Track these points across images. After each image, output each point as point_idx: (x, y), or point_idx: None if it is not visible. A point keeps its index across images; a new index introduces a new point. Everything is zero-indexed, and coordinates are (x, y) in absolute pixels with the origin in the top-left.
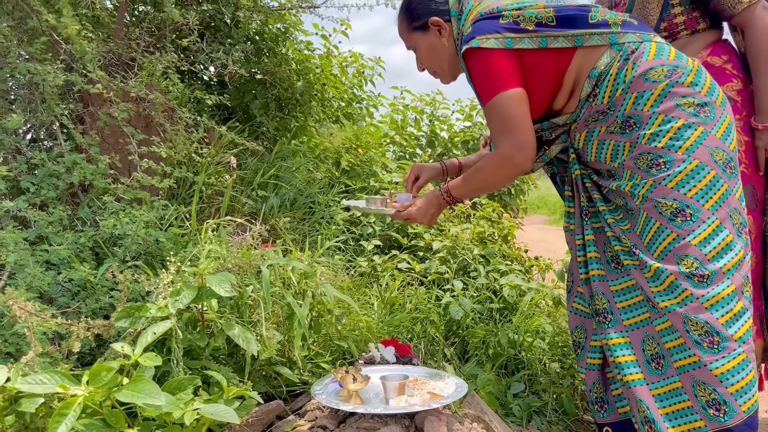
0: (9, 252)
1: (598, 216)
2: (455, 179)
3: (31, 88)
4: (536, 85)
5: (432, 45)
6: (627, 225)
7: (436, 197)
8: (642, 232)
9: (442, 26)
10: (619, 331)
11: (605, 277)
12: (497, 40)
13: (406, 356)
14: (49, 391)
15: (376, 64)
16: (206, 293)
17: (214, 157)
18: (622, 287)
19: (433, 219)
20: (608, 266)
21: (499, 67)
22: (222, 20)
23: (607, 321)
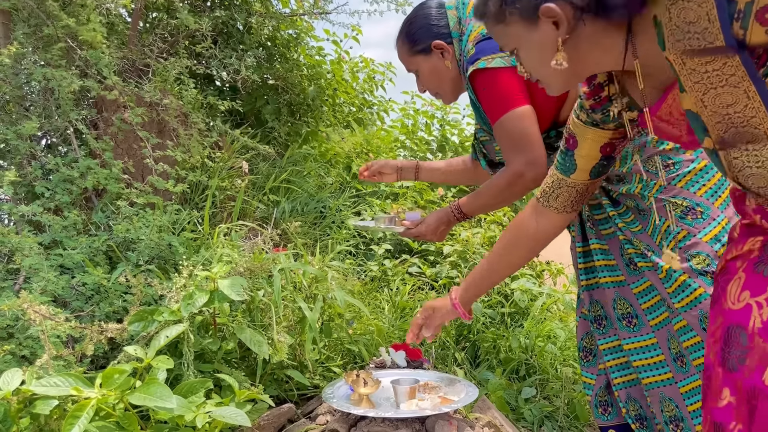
0: (24, 256)
1: (609, 221)
2: (466, 197)
3: (46, 94)
4: (543, 100)
5: (435, 67)
6: (638, 227)
7: (446, 214)
8: (653, 233)
9: (446, 49)
10: (645, 333)
11: (626, 281)
12: (503, 59)
13: (417, 360)
14: (63, 393)
15: (387, 70)
16: (218, 297)
17: (227, 162)
18: (642, 288)
19: (443, 235)
20: (627, 269)
21: (507, 86)
22: (234, 26)
23: (632, 325)
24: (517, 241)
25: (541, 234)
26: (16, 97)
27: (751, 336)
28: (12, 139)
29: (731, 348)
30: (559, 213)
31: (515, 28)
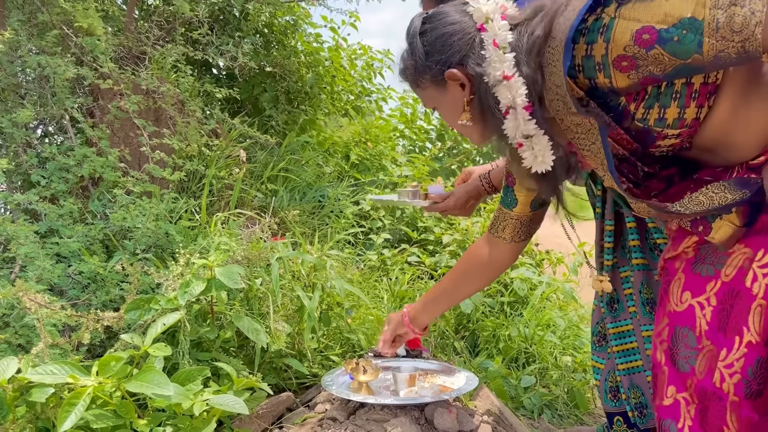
0: (20, 245)
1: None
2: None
3: (41, 81)
4: None
5: None
6: None
7: (476, 187)
8: None
9: None
10: None
11: (649, 266)
12: None
13: (416, 349)
14: (59, 381)
15: (385, 57)
16: (216, 285)
17: (224, 151)
18: None
19: (471, 210)
20: (651, 254)
21: None
22: (231, 13)
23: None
24: (472, 270)
25: (494, 263)
26: (11, 85)
27: (699, 338)
28: (7, 127)
29: (679, 348)
30: (508, 243)
31: (429, 91)
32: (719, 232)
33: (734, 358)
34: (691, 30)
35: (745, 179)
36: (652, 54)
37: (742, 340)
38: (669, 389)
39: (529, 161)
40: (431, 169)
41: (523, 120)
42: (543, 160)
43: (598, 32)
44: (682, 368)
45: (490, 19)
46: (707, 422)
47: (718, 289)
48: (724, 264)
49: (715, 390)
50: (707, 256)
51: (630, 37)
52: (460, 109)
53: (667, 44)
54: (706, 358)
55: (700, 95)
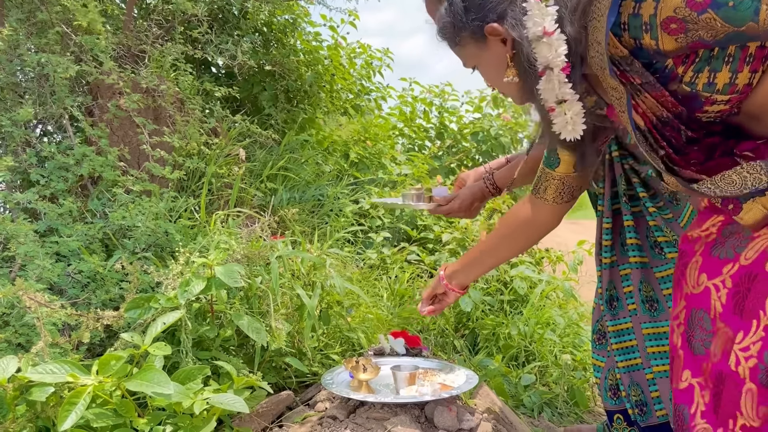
0: (19, 244)
1: (637, 201)
2: (501, 170)
3: (40, 80)
4: None
5: None
6: (669, 214)
7: (480, 189)
8: (686, 225)
9: None
10: (663, 320)
11: (649, 263)
12: None
13: (416, 348)
14: (60, 380)
15: (385, 55)
16: (215, 284)
17: (224, 149)
18: (665, 274)
19: (476, 212)
20: (652, 252)
21: None
22: (230, 11)
23: (653, 310)
24: (513, 232)
25: (536, 224)
26: (11, 84)
27: (713, 320)
28: (6, 126)
29: (695, 331)
30: (550, 204)
31: (469, 48)
32: (749, 214)
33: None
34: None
35: None
36: (703, 18)
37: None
38: (684, 373)
39: (560, 127)
40: (430, 167)
41: (559, 82)
42: (574, 128)
43: None
44: (698, 351)
45: None
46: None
47: (735, 272)
48: (745, 247)
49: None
50: (729, 239)
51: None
52: (503, 65)
53: (721, 9)
54: (721, 340)
55: (756, 59)
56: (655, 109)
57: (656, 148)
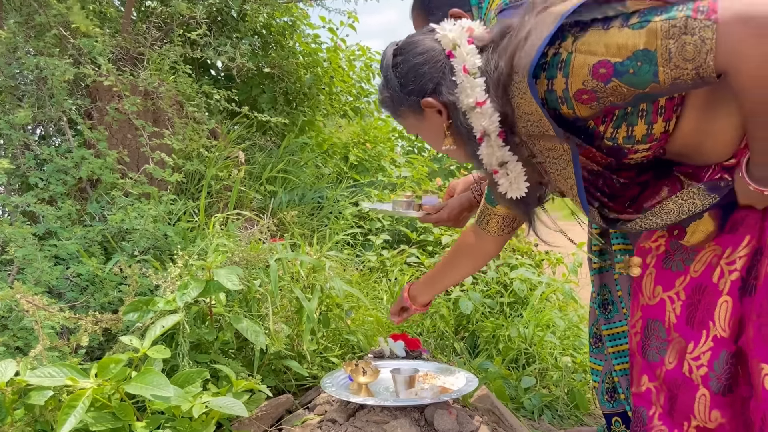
0: (18, 247)
1: None
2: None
3: (39, 83)
4: None
5: None
6: None
7: (468, 199)
8: None
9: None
10: None
11: None
12: None
13: (416, 350)
14: (58, 383)
15: None
16: (214, 287)
17: (223, 152)
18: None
19: (464, 222)
20: None
21: None
22: (229, 14)
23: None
24: (459, 259)
25: (479, 254)
26: (9, 87)
27: (668, 330)
28: (5, 129)
29: (650, 340)
30: (492, 235)
31: (409, 120)
32: (693, 237)
33: (701, 351)
34: (646, 61)
35: (715, 183)
36: (610, 86)
37: (709, 334)
38: (642, 378)
39: (504, 187)
40: (430, 170)
41: (497, 146)
42: (518, 187)
43: (557, 67)
44: (652, 359)
45: (457, 45)
46: (676, 410)
47: (686, 284)
48: (693, 260)
49: (685, 379)
50: (677, 251)
51: (588, 72)
52: (441, 134)
53: (624, 76)
54: (675, 349)
55: (667, 110)
56: (586, 164)
57: (590, 200)
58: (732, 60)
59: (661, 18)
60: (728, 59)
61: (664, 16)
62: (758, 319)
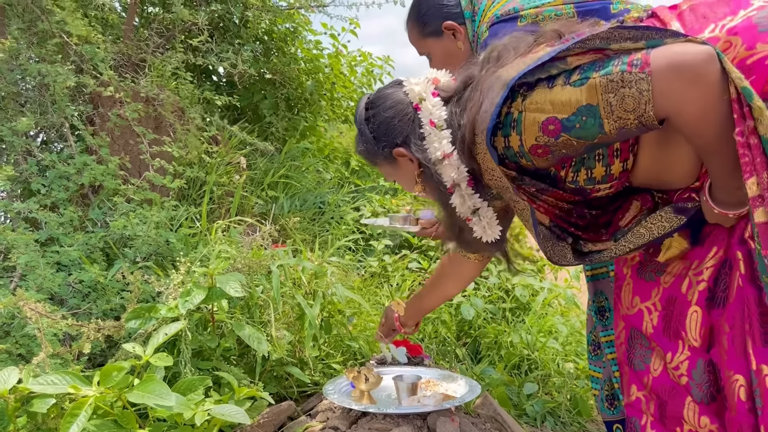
0: (20, 253)
1: None
2: None
3: (41, 90)
4: None
5: (447, 50)
6: None
7: None
8: None
9: (457, 29)
10: None
11: None
12: None
13: (418, 356)
14: (61, 391)
15: (385, 63)
16: (216, 294)
17: (224, 158)
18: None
19: None
20: None
21: None
22: (231, 20)
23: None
24: (442, 282)
25: (463, 276)
26: (12, 93)
27: (649, 339)
28: (7, 135)
29: (635, 349)
30: (473, 261)
31: (385, 168)
32: (667, 253)
33: (679, 361)
34: (590, 115)
35: (682, 206)
36: (561, 141)
37: (685, 343)
38: (631, 388)
39: (479, 232)
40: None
41: (468, 195)
42: (492, 231)
43: (511, 126)
44: (638, 368)
45: (423, 98)
46: (666, 416)
47: (661, 295)
48: (663, 272)
49: (673, 385)
50: (649, 263)
51: (538, 128)
52: (413, 180)
53: (572, 131)
54: (659, 357)
55: (623, 151)
56: (556, 204)
57: (564, 236)
58: (671, 106)
59: (599, 74)
60: (667, 106)
61: (602, 71)
62: (731, 331)
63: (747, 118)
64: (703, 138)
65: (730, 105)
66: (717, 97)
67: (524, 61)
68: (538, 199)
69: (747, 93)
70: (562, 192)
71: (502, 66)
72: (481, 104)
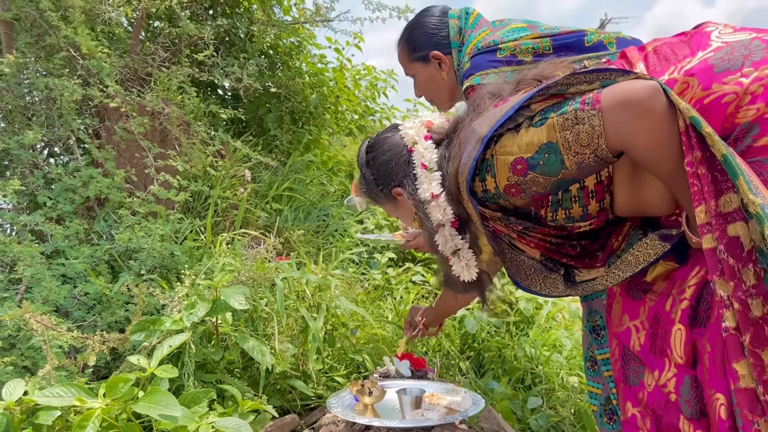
0: (26, 266)
1: None
2: None
3: (48, 103)
4: None
5: (431, 77)
6: None
7: None
8: None
9: (443, 60)
10: None
11: None
12: (497, 75)
13: (422, 370)
14: (66, 403)
15: (389, 77)
16: (221, 306)
17: (229, 171)
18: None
19: None
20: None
21: None
22: (236, 35)
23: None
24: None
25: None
26: (19, 107)
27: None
28: (14, 148)
29: (629, 365)
30: None
31: (387, 207)
32: (653, 273)
33: (666, 378)
34: (551, 152)
35: (666, 233)
36: (529, 179)
37: (671, 361)
38: (626, 405)
39: (458, 271)
40: None
41: (451, 235)
42: (470, 272)
43: (486, 171)
44: (632, 383)
45: (415, 142)
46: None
47: (647, 314)
48: (649, 290)
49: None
50: (636, 282)
51: (508, 169)
52: (413, 218)
53: (537, 168)
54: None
55: (598, 193)
56: (544, 239)
57: (556, 269)
58: (623, 140)
59: (557, 114)
60: (619, 140)
61: (558, 112)
62: (712, 350)
63: (695, 149)
64: (662, 169)
65: None
66: (667, 129)
67: (494, 114)
68: (528, 235)
69: (695, 122)
70: (548, 228)
71: (479, 114)
72: (460, 157)
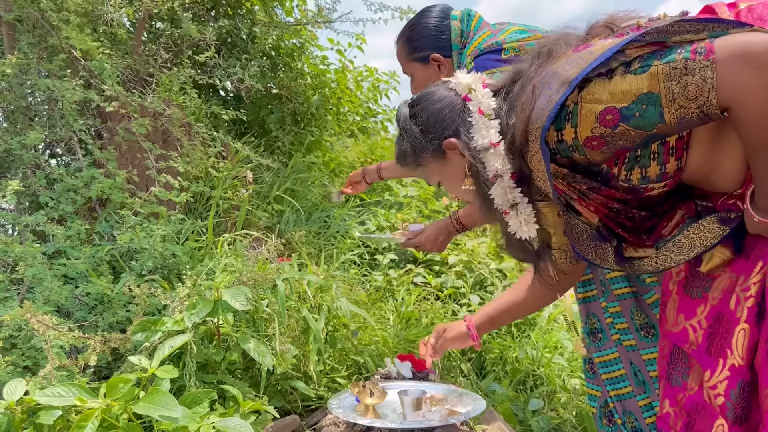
0: (27, 266)
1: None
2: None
3: (50, 104)
4: None
5: (430, 78)
6: None
7: (446, 225)
8: None
9: (442, 62)
10: None
11: (638, 292)
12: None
13: (423, 371)
14: (67, 403)
15: (391, 78)
16: (222, 307)
17: (231, 172)
18: (653, 300)
19: (443, 246)
20: (637, 280)
21: None
22: (238, 36)
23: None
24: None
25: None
26: (21, 108)
27: (690, 357)
28: (16, 149)
29: (675, 365)
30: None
31: (432, 166)
32: (708, 264)
33: (717, 380)
34: (650, 103)
35: (725, 216)
36: (618, 131)
37: (726, 362)
38: (664, 402)
39: (515, 227)
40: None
41: (509, 187)
42: (528, 228)
43: (565, 119)
44: (675, 383)
45: (472, 89)
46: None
47: (707, 313)
48: (711, 287)
49: (705, 405)
50: (696, 278)
51: (595, 119)
52: (462, 175)
53: (631, 120)
54: (696, 375)
55: (678, 149)
56: (606, 203)
57: (609, 238)
58: (735, 95)
59: (662, 62)
60: (731, 95)
61: (664, 60)
62: (766, 345)
63: None
64: (762, 133)
65: None
66: None
67: (581, 56)
68: (588, 197)
69: None
70: (614, 190)
71: (554, 60)
72: (533, 102)
